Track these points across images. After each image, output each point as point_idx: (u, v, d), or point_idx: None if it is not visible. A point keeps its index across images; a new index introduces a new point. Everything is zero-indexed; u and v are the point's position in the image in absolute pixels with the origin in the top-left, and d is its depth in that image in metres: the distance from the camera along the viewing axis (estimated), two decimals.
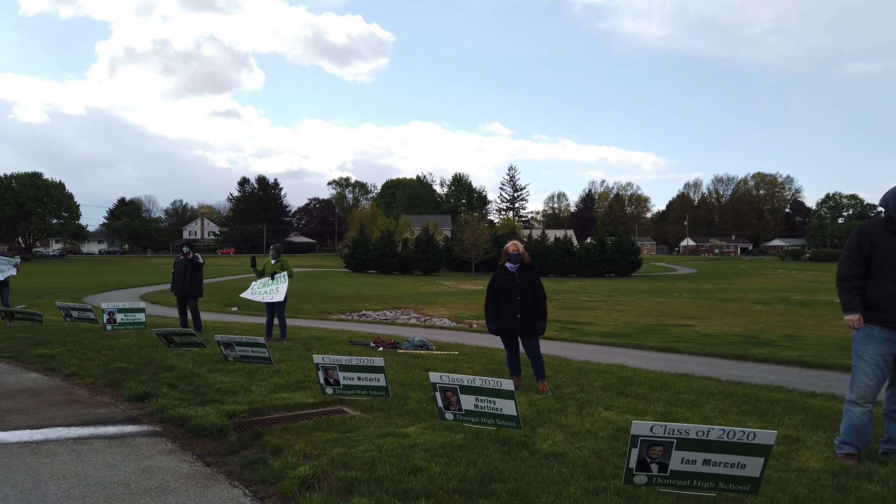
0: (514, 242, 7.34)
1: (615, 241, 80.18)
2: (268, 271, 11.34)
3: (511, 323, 7.05)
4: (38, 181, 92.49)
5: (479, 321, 29.27)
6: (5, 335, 11.01)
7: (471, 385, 4.70)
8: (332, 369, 5.95)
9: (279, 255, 11.46)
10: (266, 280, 11.19)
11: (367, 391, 5.96)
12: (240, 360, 7.53)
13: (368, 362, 5.95)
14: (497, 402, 4.62)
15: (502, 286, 7.16)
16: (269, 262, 11.45)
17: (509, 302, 7.06)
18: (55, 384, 7.43)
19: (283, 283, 10.98)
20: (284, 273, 11.28)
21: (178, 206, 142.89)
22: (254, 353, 7.29)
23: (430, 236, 79.60)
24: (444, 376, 4.84)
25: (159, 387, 7.05)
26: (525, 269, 7.27)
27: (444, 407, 4.81)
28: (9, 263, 12.86)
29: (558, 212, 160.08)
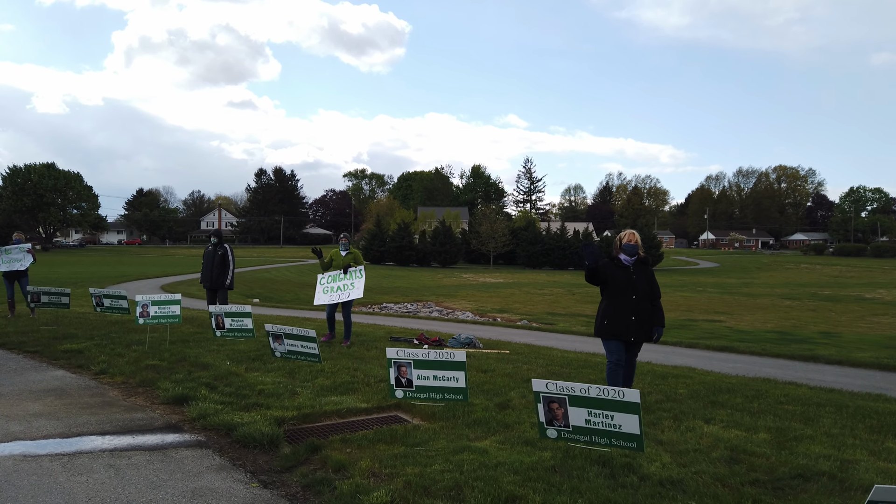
0: (631, 231, 6.26)
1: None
2: (337, 264, 9.95)
3: (625, 326, 5.96)
4: (56, 172, 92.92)
5: (503, 314, 28.67)
6: (29, 328, 10.53)
7: (584, 395, 3.96)
8: (405, 366, 5.28)
9: (350, 244, 10.11)
10: (336, 274, 9.80)
11: (443, 394, 5.26)
12: (287, 355, 6.91)
13: (448, 356, 5.27)
14: (616, 418, 3.88)
15: (615, 281, 6.04)
16: (338, 252, 10.06)
17: (622, 301, 5.98)
18: (84, 383, 6.88)
19: (359, 278, 9.57)
20: (361, 267, 9.83)
21: (196, 196, 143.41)
22: (303, 348, 6.67)
23: (447, 228, 78.86)
24: (550, 384, 4.11)
25: (197, 388, 6.47)
26: (641, 264, 6.16)
27: (548, 421, 4.07)
28: (22, 251, 12.34)
29: (575, 204, 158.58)
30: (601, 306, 6.21)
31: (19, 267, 12.23)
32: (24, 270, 12.30)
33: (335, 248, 10.14)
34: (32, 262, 12.39)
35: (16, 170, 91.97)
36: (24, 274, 12.42)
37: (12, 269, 12.21)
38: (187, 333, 10.16)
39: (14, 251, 12.28)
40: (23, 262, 12.26)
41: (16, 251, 12.30)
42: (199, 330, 10.70)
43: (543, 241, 77.90)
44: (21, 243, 12.57)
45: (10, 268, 12.19)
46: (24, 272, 12.37)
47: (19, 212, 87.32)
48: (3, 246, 12.43)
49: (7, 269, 12.20)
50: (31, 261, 12.35)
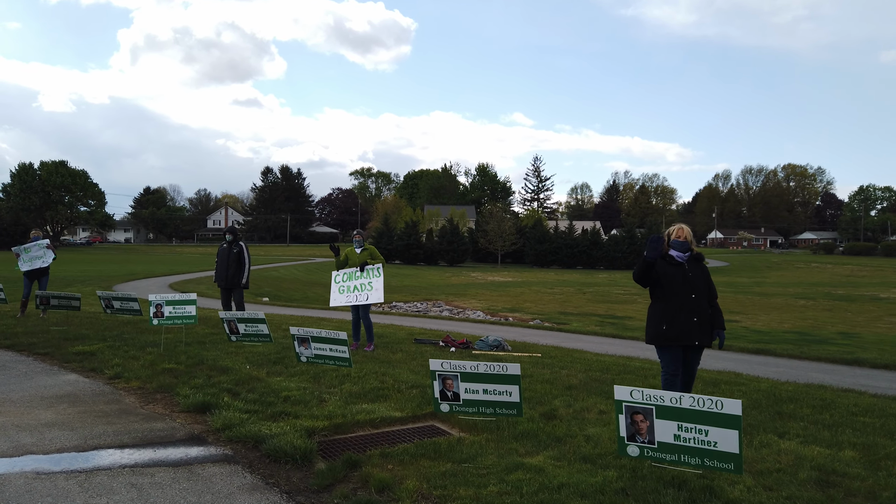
0: (680, 226, 5.69)
1: (645, 232, 78.35)
2: (353, 262, 9.35)
3: (687, 329, 5.35)
4: (64, 170, 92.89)
5: (515, 314, 28.23)
6: (39, 328, 10.16)
7: (675, 406, 3.45)
8: (451, 378, 4.82)
9: (364, 241, 9.50)
10: (352, 272, 9.21)
11: (494, 409, 4.80)
12: (314, 360, 6.49)
13: (501, 369, 4.82)
14: (711, 434, 3.39)
15: (669, 280, 5.48)
16: (352, 251, 9.46)
17: (680, 301, 5.40)
18: (98, 388, 6.49)
19: (377, 276, 8.94)
20: (378, 265, 9.16)
21: (203, 195, 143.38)
22: (332, 352, 6.24)
23: (455, 227, 78.45)
24: (635, 391, 3.60)
25: (218, 394, 6.07)
26: (695, 261, 5.63)
27: (630, 436, 3.58)
28: (40, 247, 11.96)
29: (582, 203, 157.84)
30: (654, 310, 5.63)
31: (41, 264, 11.88)
32: (45, 268, 11.96)
33: (350, 247, 9.69)
34: (53, 259, 12.03)
35: (24, 167, 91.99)
36: (46, 272, 12.07)
37: (34, 268, 11.86)
38: (203, 334, 9.77)
39: (34, 249, 11.91)
40: (44, 259, 11.89)
41: (35, 248, 11.93)
42: (215, 331, 10.31)
43: (551, 240, 77.39)
44: (39, 240, 12.21)
45: (32, 266, 11.84)
46: (46, 270, 12.03)
47: (27, 209, 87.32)
48: (21, 245, 12.03)
49: (29, 269, 11.85)
50: (52, 257, 11.98)
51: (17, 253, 11.93)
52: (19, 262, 11.86)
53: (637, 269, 5.57)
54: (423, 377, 7.14)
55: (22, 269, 11.83)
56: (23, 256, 11.87)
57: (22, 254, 11.88)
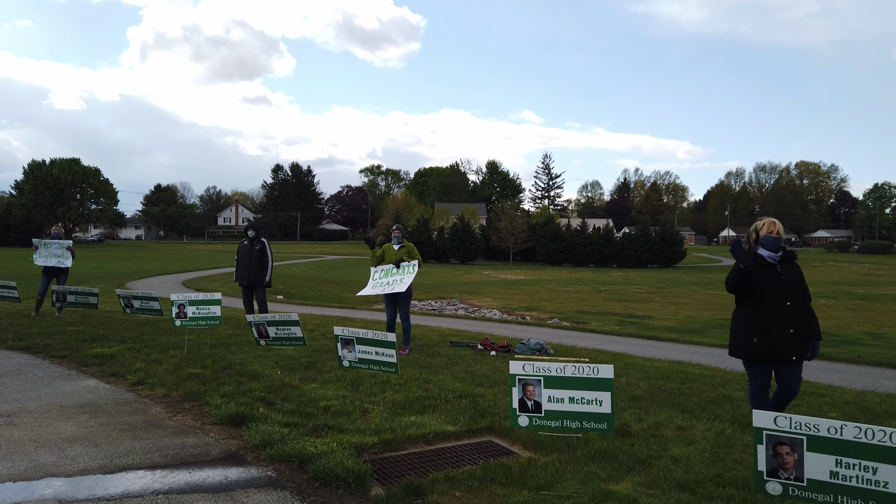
0: (771, 220, 4.97)
1: (658, 230, 77.48)
2: (389, 258, 8.94)
3: (782, 342, 4.68)
4: (76, 167, 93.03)
5: (531, 312, 27.63)
6: (55, 328, 9.70)
7: (834, 438, 2.81)
8: (533, 384, 4.24)
9: (403, 237, 9.06)
10: (389, 269, 8.80)
11: (581, 422, 4.18)
12: (357, 365, 5.94)
13: (591, 372, 4.25)
14: (881, 472, 2.79)
15: (760, 285, 4.78)
16: (390, 247, 9.06)
17: (774, 310, 4.70)
18: (121, 396, 6.00)
19: (410, 273, 8.62)
20: (414, 263, 8.76)
21: (213, 192, 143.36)
22: (377, 356, 5.70)
23: (466, 224, 77.86)
24: (780, 417, 2.92)
25: (252, 404, 5.56)
26: (787, 261, 4.92)
27: (771, 471, 2.97)
28: (61, 247, 11.49)
29: (593, 201, 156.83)
30: (742, 319, 4.93)
31: (57, 264, 11.39)
32: (65, 269, 11.51)
33: (388, 243, 9.16)
34: (71, 262, 11.55)
35: (36, 164, 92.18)
36: (65, 272, 11.60)
37: (48, 265, 11.38)
38: (226, 336, 9.28)
39: (53, 246, 11.43)
40: (61, 260, 11.39)
41: (55, 246, 11.44)
42: (239, 332, 9.82)
43: (563, 238, 76.69)
44: (60, 238, 11.73)
45: (46, 263, 11.35)
46: (66, 270, 11.56)
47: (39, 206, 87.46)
48: (40, 239, 11.53)
49: (43, 264, 11.37)
50: (70, 261, 11.49)
51: (36, 245, 11.46)
52: (35, 255, 11.39)
53: (731, 279, 4.92)
54: (470, 385, 6.61)
55: (36, 262, 11.36)
56: (41, 251, 11.40)
57: (41, 248, 11.41)
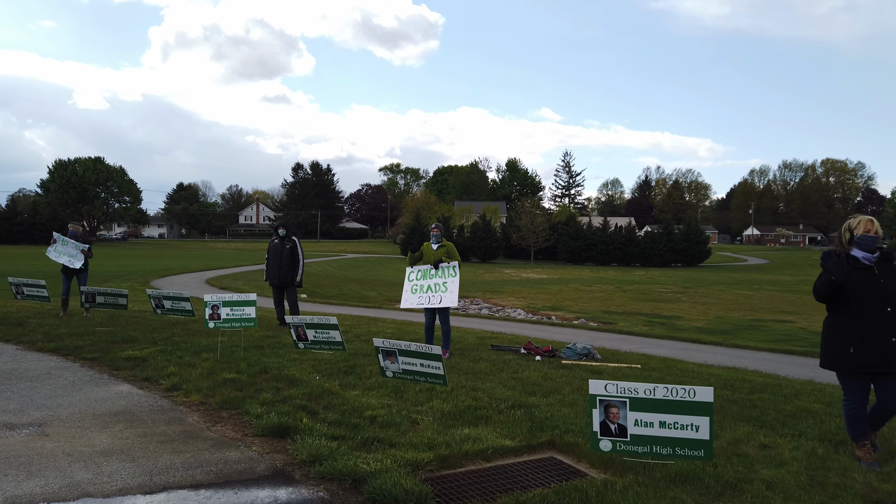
0: (868, 218, 4.45)
1: (682, 229, 76.32)
2: (428, 258, 8.45)
3: (883, 354, 4.21)
4: (101, 166, 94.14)
5: (557, 312, 27.15)
6: (84, 329, 9.47)
7: None
8: (617, 406, 3.83)
9: (443, 236, 8.56)
10: (426, 269, 8.30)
11: (674, 449, 3.78)
12: (401, 376, 5.59)
13: (686, 394, 3.79)
14: None
15: (855, 289, 4.32)
16: (429, 246, 8.57)
17: (872, 317, 4.26)
18: (156, 403, 5.70)
19: (452, 277, 8.02)
20: (454, 264, 8.20)
21: (234, 191, 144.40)
22: (423, 367, 5.33)
23: (487, 223, 77.35)
24: None
25: (294, 413, 5.23)
26: (885, 262, 4.43)
27: None
28: (77, 248, 11.28)
29: (613, 199, 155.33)
30: (835, 327, 4.48)
31: (67, 263, 11.13)
32: (84, 266, 11.27)
33: (427, 242, 8.76)
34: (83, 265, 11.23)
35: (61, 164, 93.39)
36: (85, 270, 11.37)
37: (59, 262, 11.15)
38: (259, 338, 8.98)
39: (70, 245, 11.21)
40: (73, 260, 11.09)
41: (72, 245, 11.22)
42: (271, 333, 9.52)
43: (585, 237, 75.89)
44: (77, 235, 11.51)
45: (58, 259, 11.11)
46: (84, 268, 11.33)
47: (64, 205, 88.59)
48: (61, 234, 11.31)
49: (55, 260, 11.14)
50: (81, 263, 11.16)
51: (55, 239, 11.24)
52: (50, 248, 11.16)
53: (820, 289, 4.46)
54: (521, 394, 6.22)
55: (49, 255, 11.13)
56: (58, 245, 11.16)
57: (59, 242, 11.18)
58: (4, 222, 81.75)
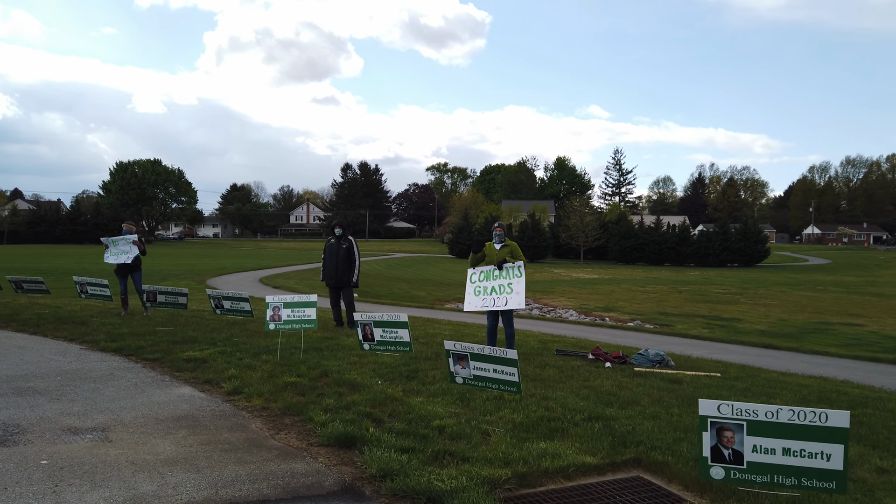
0: None
1: (740, 228, 73.76)
2: (491, 258, 8.08)
3: None
4: (158, 167, 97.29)
5: (610, 314, 26.45)
6: (145, 329, 9.51)
7: None
8: (732, 429, 3.41)
9: (506, 235, 8.23)
10: (489, 270, 7.92)
11: (799, 479, 3.28)
12: (472, 382, 5.29)
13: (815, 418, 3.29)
14: None
15: None
16: (491, 246, 8.22)
17: None
18: (218, 408, 5.55)
19: (517, 277, 7.64)
20: (519, 264, 7.81)
21: (285, 191, 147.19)
22: (496, 373, 5.02)
23: (536, 222, 76.46)
24: None
25: (359, 422, 4.98)
26: None
27: None
28: (127, 242, 11.28)
29: (665, 197, 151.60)
30: None
31: (125, 260, 11.20)
32: (137, 264, 11.32)
33: (489, 242, 8.43)
34: (139, 255, 11.31)
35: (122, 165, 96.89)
36: (138, 268, 11.44)
37: (119, 262, 11.25)
38: (317, 339, 8.83)
39: (121, 243, 11.32)
40: (129, 255, 11.17)
41: (123, 242, 11.32)
42: (328, 335, 9.37)
43: (637, 236, 74.15)
44: (129, 234, 11.64)
45: (117, 260, 11.21)
46: (138, 266, 11.38)
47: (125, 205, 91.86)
48: (110, 237, 11.46)
49: (114, 262, 11.27)
50: (136, 253, 11.22)
51: (105, 244, 11.37)
52: (105, 254, 11.29)
53: None
54: (596, 404, 5.83)
55: (107, 261, 11.24)
56: (111, 248, 11.29)
57: (110, 245, 11.31)
58: (69, 222, 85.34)
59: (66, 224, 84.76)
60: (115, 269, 11.38)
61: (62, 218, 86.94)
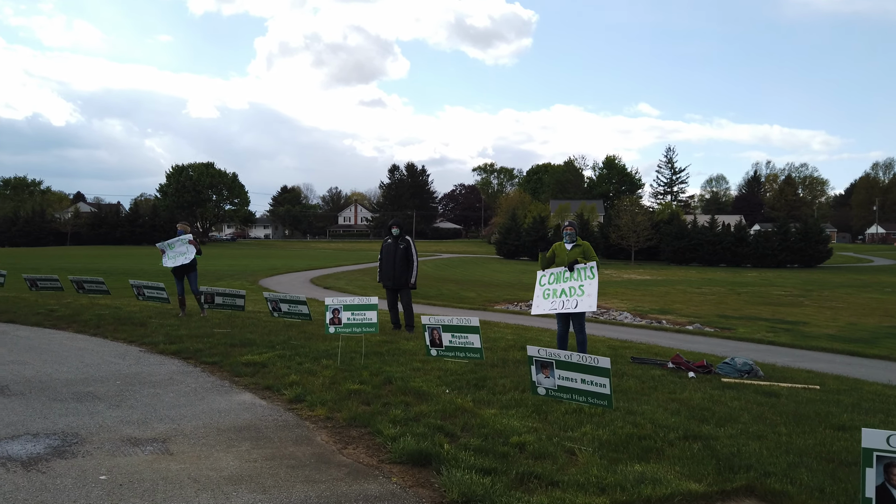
0: None
1: (800, 227, 70.77)
2: (561, 259, 7.62)
3: None
4: (212, 170, 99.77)
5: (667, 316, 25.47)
6: (203, 331, 9.38)
7: None
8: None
9: (577, 234, 7.75)
10: (560, 272, 7.47)
11: None
12: (556, 394, 4.82)
13: None
14: None
15: None
16: (561, 246, 7.78)
17: None
18: (281, 417, 5.25)
19: (590, 279, 7.19)
20: (591, 265, 7.39)
21: (334, 193, 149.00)
22: (584, 384, 4.55)
23: (585, 222, 75.15)
24: None
25: (431, 436, 4.59)
26: None
27: None
28: (183, 243, 11.26)
29: (718, 196, 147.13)
30: None
31: (184, 261, 11.18)
32: (192, 265, 11.28)
33: (558, 242, 7.95)
34: (197, 255, 11.29)
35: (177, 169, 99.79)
36: (193, 269, 11.41)
37: (178, 265, 11.22)
38: (376, 343, 8.50)
39: (177, 245, 11.29)
40: (186, 256, 11.14)
41: (179, 244, 11.29)
42: (388, 338, 9.04)
43: (690, 235, 71.96)
44: (183, 235, 11.60)
45: (176, 263, 11.18)
46: (193, 267, 11.34)
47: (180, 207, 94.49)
48: (165, 241, 11.43)
49: (173, 265, 11.23)
50: (193, 253, 11.16)
51: (161, 249, 11.35)
52: (164, 259, 11.27)
53: None
54: (689, 420, 5.30)
55: (166, 265, 11.20)
56: (168, 252, 11.26)
57: (166, 250, 11.28)
58: (128, 224, 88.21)
59: (125, 226, 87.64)
60: (172, 270, 11.37)
61: (122, 220, 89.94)
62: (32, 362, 7.22)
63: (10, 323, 10.46)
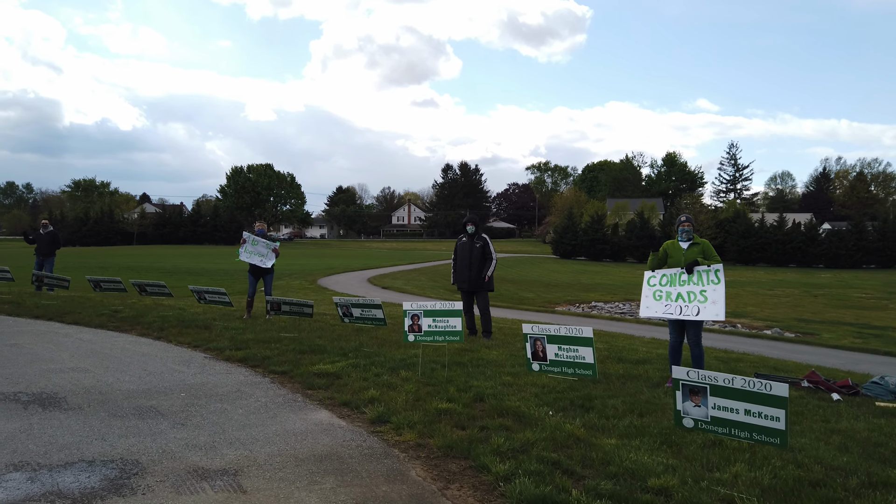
0: None
1: (878, 226, 66.68)
2: (677, 260, 6.71)
3: None
4: (270, 172, 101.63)
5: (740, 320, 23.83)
6: (269, 335, 8.81)
7: None
8: None
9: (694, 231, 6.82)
10: (675, 273, 6.50)
11: None
12: (710, 427, 3.83)
13: None
14: None
15: None
16: (674, 244, 6.84)
17: None
18: (365, 443, 4.53)
19: (714, 284, 6.27)
20: (716, 267, 6.46)
21: (387, 193, 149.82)
22: (748, 417, 3.46)
23: (645, 221, 72.74)
24: None
25: (550, 475, 3.77)
26: None
27: None
28: (268, 247, 10.93)
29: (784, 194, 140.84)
30: None
31: (259, 263, 10.79)
32: (270, 268, 10.90)
33: (671, 241, 6.98)
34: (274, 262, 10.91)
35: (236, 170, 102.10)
36: (271, 271, 11.00)
37: (251, 262, 10.81)
38: (455, 351, 7.71)
39: (261, 244, 10.86)
40: (264, 260, 10.79)
41: (262, 244, 10.87)
42: (467, 346, 8.24)
43: (757, 234, 68.76)
44: (265, 234, 11.15)
45: (250, 260, 10.79)
46: (271, 269, 10.96)
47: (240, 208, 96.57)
48: (250, 234, 10.99)
49: (247, 261, 10.83)
50: (273, 261, 10.86)
51: (244, 239, 10.91)
52: (241, 250, 10.82)
53: None
54: (866, 460, 4.29)
55: (241, 257, 10.77)
56: (247, 246, 10.81)
57: (248, 243, 10.84)
58: (191, 224, 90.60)
59: (188, 226, 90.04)
60: (250, 269, 10.99)
61: (185, 220, 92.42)
62: (93, 370, 6.75)
63: (75, 325, 10.18)
